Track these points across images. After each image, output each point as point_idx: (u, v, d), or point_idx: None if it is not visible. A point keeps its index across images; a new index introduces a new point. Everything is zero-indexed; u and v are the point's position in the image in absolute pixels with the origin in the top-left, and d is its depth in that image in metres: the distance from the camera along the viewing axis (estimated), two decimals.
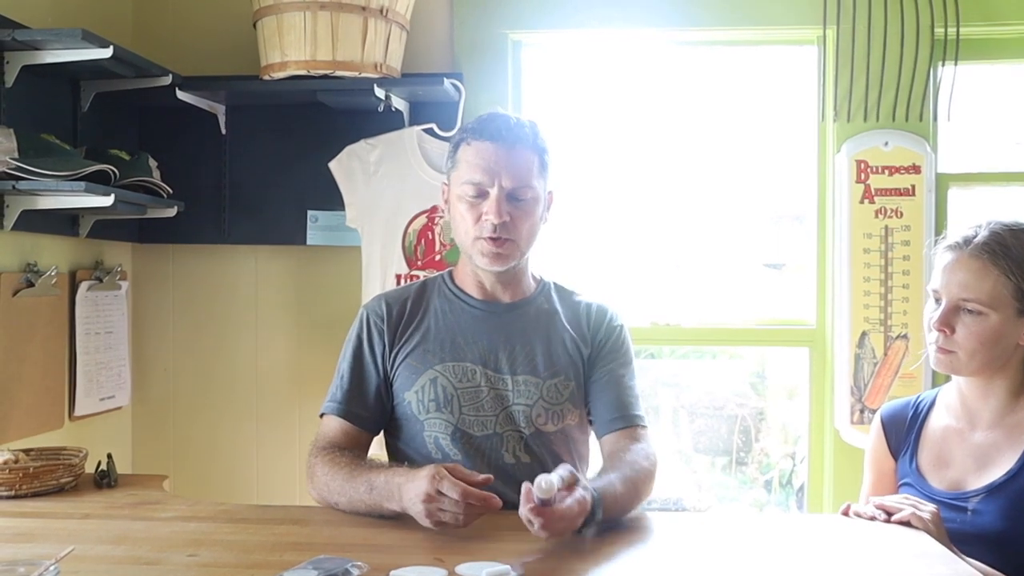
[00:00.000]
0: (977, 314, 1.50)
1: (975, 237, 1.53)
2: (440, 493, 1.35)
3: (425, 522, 1.38)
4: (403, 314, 1.70)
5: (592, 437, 1.73)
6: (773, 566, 1.32)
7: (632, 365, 1.71)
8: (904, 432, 1.67)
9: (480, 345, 1.65)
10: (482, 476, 1.39)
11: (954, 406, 1.62)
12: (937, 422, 1.64)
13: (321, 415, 1.70)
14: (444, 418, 1.61)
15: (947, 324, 1.52)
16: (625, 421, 1.63)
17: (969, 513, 1.50)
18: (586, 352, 1.68)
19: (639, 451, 1.58)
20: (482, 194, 1.60)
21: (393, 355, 1.68)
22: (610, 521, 1.42)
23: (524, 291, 1.72)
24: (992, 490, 1.50)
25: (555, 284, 1.77)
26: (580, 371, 1.67)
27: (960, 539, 1.45)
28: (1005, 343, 1.52)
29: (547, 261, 1.73)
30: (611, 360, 1.68)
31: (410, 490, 1.39)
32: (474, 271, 1.68)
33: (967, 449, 1.57)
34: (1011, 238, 1.51)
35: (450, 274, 1.76)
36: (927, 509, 1.46)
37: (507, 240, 1.60)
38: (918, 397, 1.71)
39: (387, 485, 1.46)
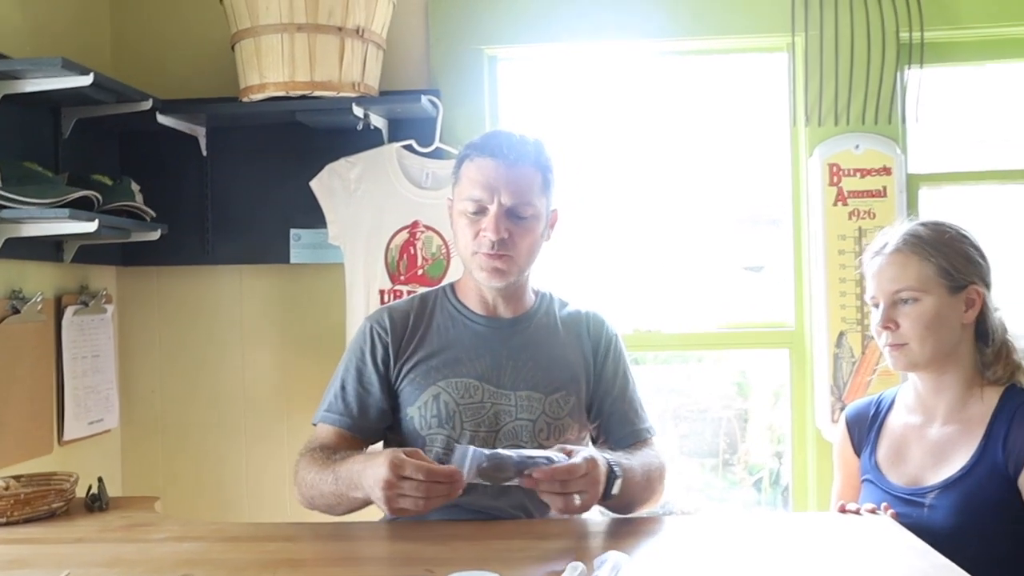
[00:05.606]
0: (913, 301, 1.58)
1: (893, 240, 1.63)
2: (402, 478, 1.35)
3: (385, 508, 1.40)
4: (406, 327, 1.70)
5: None
6: (758, 564, 1.35)
7: (630, 373, 1.76)
8: (866, 429, 1.72)
9: (483, 361, 1.67)
10: (446, 467, 1.39)
11: (911, 403, 1.68)
12: (896, 419, 1.69)
13: (314, 424, 1.70)
14: (445, 433, 1.62)
15: (891, 320, 1.60)
16: (635, 436, 1.71)
17: (926, 509, 1.54)
18: (589, 365, 1.72)
19: (649, 452, 1.66)
20: (481, 210, 1.62)
21: (397, 367, 1.68)
22: (627, 497, 1.49)
23: (525, 306, 1.74)
24: (947, 486, 1.54)
25: (551, 295, 1.80)
26: (581, 386, 1.70)
27: (916, 534, 1.47)
28: (949, 323, 1.59)
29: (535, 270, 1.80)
30: (614, 374, 1.73)
31: (369, 476, 1.40)
32: (476, 286, 1.70)
33: (924, 445, 1.62)
34: (924, 230, 1.62)
35: (452, 288, 1.78)
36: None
37: (505, 255, 1.62)
38: (880, 395, 1.76)
39: (348, 473, 1.47)
